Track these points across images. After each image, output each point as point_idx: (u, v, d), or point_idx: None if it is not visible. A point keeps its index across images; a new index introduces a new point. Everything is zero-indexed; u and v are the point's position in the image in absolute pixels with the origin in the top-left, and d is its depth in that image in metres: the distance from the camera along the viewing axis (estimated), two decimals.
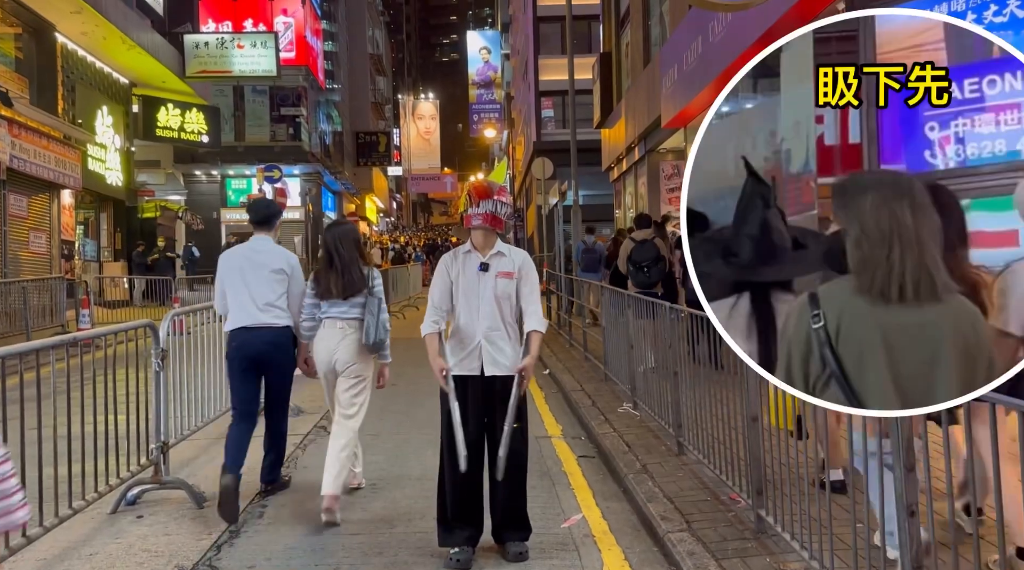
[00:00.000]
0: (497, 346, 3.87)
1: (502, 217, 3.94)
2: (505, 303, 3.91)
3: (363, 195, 41.03)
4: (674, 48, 13.26)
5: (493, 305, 3.88)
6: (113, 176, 19.02)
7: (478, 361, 3.85)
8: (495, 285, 3.89)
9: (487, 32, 60.56)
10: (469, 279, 3.91)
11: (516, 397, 3.84)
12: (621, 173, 20.81)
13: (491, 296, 3.88)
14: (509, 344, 3.90)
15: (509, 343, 3.90)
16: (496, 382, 3.86)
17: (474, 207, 3.91)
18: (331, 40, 34.66)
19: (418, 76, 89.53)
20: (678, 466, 5.04)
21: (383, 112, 50.10)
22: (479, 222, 3.89)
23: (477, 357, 3.86)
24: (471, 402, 3.86)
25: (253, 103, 26.87)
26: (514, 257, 3.99)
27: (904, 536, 2.49)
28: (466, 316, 3.90)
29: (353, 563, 3.88)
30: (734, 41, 10.05)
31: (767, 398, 3.83)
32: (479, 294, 3.89)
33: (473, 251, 3.97)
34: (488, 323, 3.87)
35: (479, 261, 3.93)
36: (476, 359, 3.86)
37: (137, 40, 17.23)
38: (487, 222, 3.90)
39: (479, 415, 3.86)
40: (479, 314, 3.88)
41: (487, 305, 3.88)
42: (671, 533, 3.92)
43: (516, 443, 3.81)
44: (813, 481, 3.24)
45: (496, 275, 3.90)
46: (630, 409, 6.70)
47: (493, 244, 3.97)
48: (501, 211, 3.92)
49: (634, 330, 6.71)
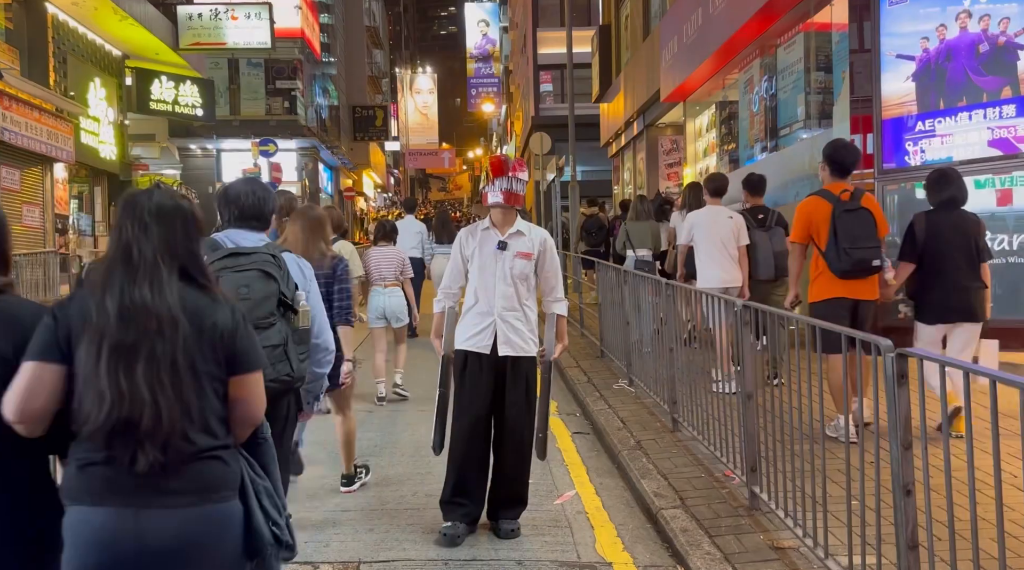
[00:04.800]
0: (512, 326, 3.82)
1: (519, 193, 3.86)
2: (522, 284, 3.85)
3: (360, 170, 40.75)
4: (674, 20, 13.07)
5: (510, 285, 3.82)
6: (107, 149, 18.84)
7: (490, 339, 3.80)
8: (512, 265, 3.82)
9: (485, 4, 59.74)
10: (486, 257, 3.85)
11: (547, 383, 3.89)
12: (619, 148, 20.65)
13: (508, 276, 3.82)
14: (525, 325, 3.86)
15: (525, 324, 3.85)
16: (507, 362, 3.83)
17: (490, 185, 3.87)
18: (327, 12, 34.23)
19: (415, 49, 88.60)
20: (672, 443, 5.00)
21: (380, 86, 49.62)
22: (496, 200, 3.83)
23: (490, 335, 3.81)
24: (479, 379, 3.82)
25: (248, 76, 26.54)
26: (533, 237, 3.90)
27: (900, 515, 2.45)
28: (482, 293, 3.85)
29: (343, 540, 3.85)
30: (735, 13, 9.89)
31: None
32: (495, 273, 3.82)
33: (492, 228, 3.89)
34: (504, 302, 3.82)
35: (497, 239, 3.85)
36: (489, 337, 3.81)
37: (129, 11, 16.98)
38: (505, 200, 3.83)
39: (486, 393, 3.82)
40: (495, 293, 3.82)
41: (503, 285, 3.82)
42: (664, 510, 3.89)
43: (522, 424, 3.86)
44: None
45: (514, 255, 3.83)
46: (625, 386, 6.66)
47: (512, 222, 3.89)
48: (517, 187, 3.84)
49: (630, 306, 6.66)
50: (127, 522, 1.75)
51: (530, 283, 3.89)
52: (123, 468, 1.75)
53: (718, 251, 6.21)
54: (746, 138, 11.26)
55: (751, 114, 11.02)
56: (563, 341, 3.99)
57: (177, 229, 1.91)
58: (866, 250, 4.58)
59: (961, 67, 6.88)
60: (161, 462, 1.75)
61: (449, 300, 3.98)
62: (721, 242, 6.21)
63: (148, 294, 1.82)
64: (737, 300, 4.03)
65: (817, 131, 8.76)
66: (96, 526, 1.75)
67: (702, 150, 13.99)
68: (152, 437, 1.74)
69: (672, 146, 16.54)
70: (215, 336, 1.86)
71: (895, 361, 2.46)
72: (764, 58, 10.39)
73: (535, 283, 3.95)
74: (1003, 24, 6.65)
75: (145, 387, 1.75)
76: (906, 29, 7.17)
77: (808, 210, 4.81)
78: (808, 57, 9.00)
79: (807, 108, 9.10)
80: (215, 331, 1.86)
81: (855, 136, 7.48)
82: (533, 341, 3.89)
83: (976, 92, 6.79)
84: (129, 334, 1.78)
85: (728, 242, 6.22)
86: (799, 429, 3.33)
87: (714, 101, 13.16)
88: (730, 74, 11.92)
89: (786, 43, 9.58)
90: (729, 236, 6.22)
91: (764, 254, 6.33)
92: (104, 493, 1.76)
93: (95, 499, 1.76)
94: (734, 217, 6.34)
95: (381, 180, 50.44)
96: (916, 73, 7.12)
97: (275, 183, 19.70)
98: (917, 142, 7.08)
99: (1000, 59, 6.68)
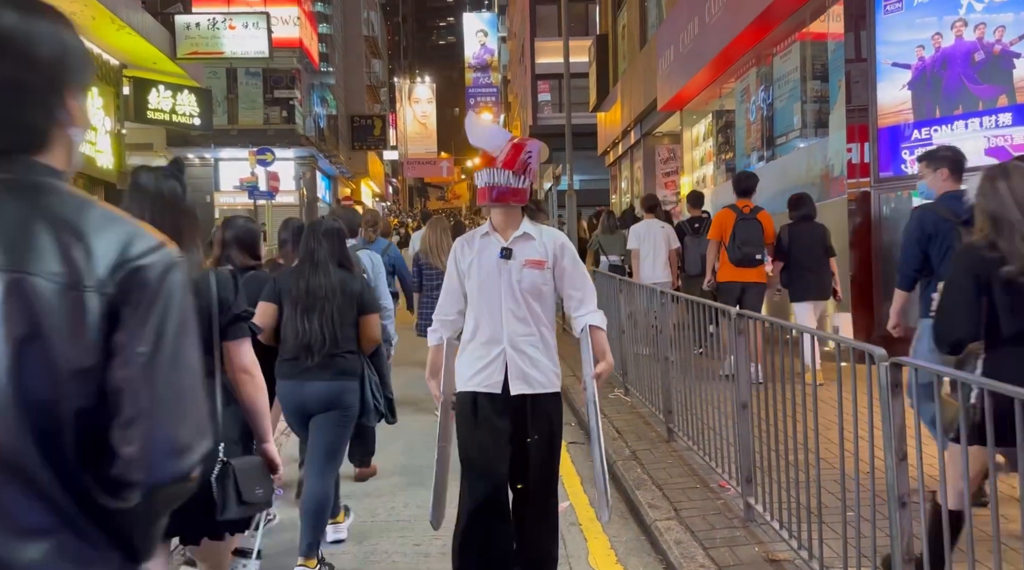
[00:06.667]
0: (527, 356, 2.99)
1: (520, 186, 2.97)
2: (535, 300, 3.01)
3: (358, 179, 40.78)
4: (670, 29, 13.09)
5: (520, 302, 2.99)
6: (104, 159, 18.81)
7: (501, 375, 2.98)
8: (520, 277, 3.00)
9: (484, 14, 60.01)
10: (487, 269, 3.02)
11: (595, 417, 3.09)
12: (617, 157, 20.66)
13: (516, 290, 2.99)
14: (543, 353, 3.02)
15: (543, 352, 3.03)
16: (526, 403, 3.00)
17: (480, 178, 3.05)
18: (326, 22, 34.32)
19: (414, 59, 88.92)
20: (668, 453, 4.96)
21: (378, 95, 49.75)
22: (488, 198, 3.00)
23: (500, 370, 2.98)
24: (489, 426, 3.00)
25: (246, 85, 26.57)
26: (545, 240, 3.06)
27: (895, 528, 2.41)
28: (485, 317, 3.01)
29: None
30: (731, 22, 9.90)
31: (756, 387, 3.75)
32: (501, 288, 3.00)
33: (492, 233, 3.06)
34: (514, 326, 2.98)
35: (499, 246, 3.02)
36: (499, 372, 2.98)
37: (127, 20, 16.99)
38: (498, 198, 2.97)
39: (500, 447, 3.00)
40: (502, 314, 2.99)
41: (512, 302, 2.99)
42: (659, 521, 3.84)
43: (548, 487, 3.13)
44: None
45: (522, 264, 3.00)
46: (621, 395, 6.62)
47: (517, 223, 3.06)
48: (515, 181, 2.96)
49: (624, 315, 6.63)
50: (299, 387, 3.56)
51: (545, 299, 3.05)
52: (301, 363, 3.54)
53: (653, 255, 8.10)
54: (743, 147, 11.25)
55: (748, 123, 11.02)
56: (607, 359, 3.10)
57: (335, 240, 3.67)
58: (752, 248, 6.70)
59: (957, 75, 6.87)
60: (318, 362, 3.52)
61: (446, 329, 3.18)
62: (654, 248, 8.09)
63: (322, 278, 3.55)
64: (732, 308, 4.01)
65: (814, 140, 8.75)
66: (288, 389, 3.60)
67: (699, 159, 13.99)
68: (319, 351, 3.52)
69: (669, 155, 16.55)
70: (353, 296, 3.59)
71: (889, 371, 2.42)
72: (760, 67, 10.39)
73: (553, 300, 3.12)
74: (998, 32, 6.64)
75: (317, 327, 3.52)
76: (902, 38, 7.17)
77: (720, 217, 6.97)
78: (804, 66, 9.00)
79: (803, 117, 9.09)
80: (353, 294, 3.60)
81: (852, 145, 7.48)
82: (556, 373, 3.08)
83: (972, 100, 6.78)
84: (310, 300, 3.55)
85: (660, 247, 8.10)
86: (794, 438, 3.29)
87: (711, 110, 13.17)
88: (727, 83, 11.92)
89: (782, 52, 9.59)
90: (661, 243, 8.11)
91: (693, 256, 8.14)
92: (292, 374, 3.57)
93: (288, 377, 3.59)
94: (665, 227, 8.31)
95: (379, 189, 50.49)
96: (912, 81, 7.11)
97: (272, 193, 19.70)
98: (913, 151, 7.06)
99: (996, 67, 6.67)
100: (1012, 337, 2.42)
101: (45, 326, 1.03)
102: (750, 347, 3.82)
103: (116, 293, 1.07)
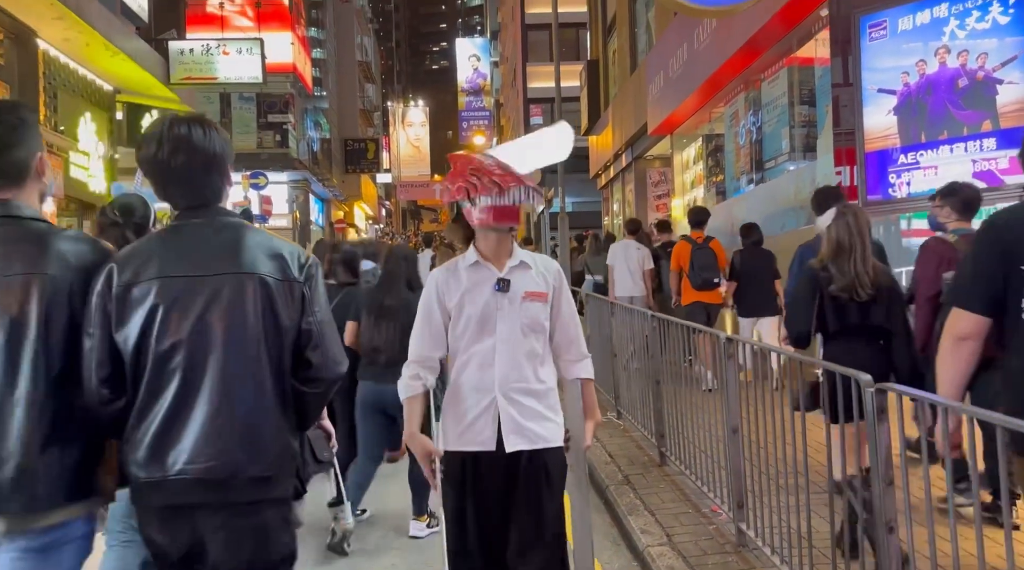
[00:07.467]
0: (523, 406, 2.56)
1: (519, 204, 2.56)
2: (537, 339, 2.61)
3: (351, 202, 40.90)
4: (660, 55, 13.25)
5: (519, 342, 2.57)
6: (96, 183, 18.82)
7: (492, 429, 2.55)
8: (522, 312, 2.58)
9: (476, 40, 60.54)
10: (480, 306, 2.57)
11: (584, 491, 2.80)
12: (609, 180, 20.79)
13: (516, 329, 2.57)
14: (541, 401, 2.60)
15: (541, 400, 2.60)
16: (521, 460, 2.55)
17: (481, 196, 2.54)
18: (319, 47, 34.59)
19: (408, 83, 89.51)
20: (660, 477, 4.96)
21: (372, 119, 50.02)
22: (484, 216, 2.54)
23: (491, 423, 2.55)
24: (480, 489, 2.56)
25: (240, 110, 26.70)
26: (541, 268, 2.67)
27: (884, 555, 2.42)
28: (476, 360, 2.58)
29: None
30: (719, 48, 10.04)
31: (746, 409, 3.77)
32: (497, 327, 2.57)
33: (482, 262, 2.61)
34: (509, 370, 2.56)
35: (495, 277, 2.59)
36: (489, 426, 2.55)
37: (121, 47, 17.07)
38: (495, 218, 2.54)
39: (492, 509, 2.56)
40: (495, 357, 2.56)
41: (509, 343, 2.56)
42: (651, 546, 3.84)
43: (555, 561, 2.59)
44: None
45: (522, 297, 2.58)
46: (613, 418, 6.62)
47: (509, 250, 2.64)
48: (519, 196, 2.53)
49: (617, 338, 6.65)
50: (375, 387, 4.39)
51: (544, 337, 2.65)
52: (374, 366, 4.40)
53: (628, 272, 9.03)
54: (732, 170, 11.36)
55: (737, 147, 11.13)
56: (595, 417, 2.77)
57: (403, 264, 4.59)
58: (710, 273, 7.67)
59: (941, 101, 6.97)
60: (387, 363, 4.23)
61: (430, 375, 2.67)
62: (628, 267, 9.04)
63: (396, 296, 4.47)
64: (721, 333, 4.04)
65: (802, 163, 8.85)
66: (368, 389, 4.45)
67: (690, 182, 14.10)
68: (388, 353, 4.31)
69: (660, 178, 16.68)
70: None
71: (875, 396, 2.45)
72: (749, 92, 10.52)
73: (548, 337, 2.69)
74: (981, 59, 6.75)
75: (387, 334, 4.36)
76: (886, 64, 7.28)
77: (678, 249, 8.09)
78: (792, 91, 9.12)
79: (792, 141, 9.20)
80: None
81: (840, 168, 7.56)
82: (557, 423, 2.64)
83: (957, 126, 6.88)
84: (384, 313, 4.42)
85: (634, 266, 9.04)
86: (783, 462, 3.31)
87: (701, 134, 13.29)
88: (716, 108, 12.05)
89: (770, 78, 9.72)
90: (635, 262, 9.05)
91: (666, 276, 8.81)
92: (367, 375, 4.46)
93: (365, 378, 4.47)
94: (641, 249, 9.22)
95: (373, 212, 50.58)
96: (897, 107, 7.21)
97: (265, 216, 19.71)
98: (901, 174, 7.15)
99: (979, 93, 6.77)
100: (835, 333, 3.51)
101: (274, 300, 2.00)
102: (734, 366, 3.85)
103: (304, 282, 2.06)
